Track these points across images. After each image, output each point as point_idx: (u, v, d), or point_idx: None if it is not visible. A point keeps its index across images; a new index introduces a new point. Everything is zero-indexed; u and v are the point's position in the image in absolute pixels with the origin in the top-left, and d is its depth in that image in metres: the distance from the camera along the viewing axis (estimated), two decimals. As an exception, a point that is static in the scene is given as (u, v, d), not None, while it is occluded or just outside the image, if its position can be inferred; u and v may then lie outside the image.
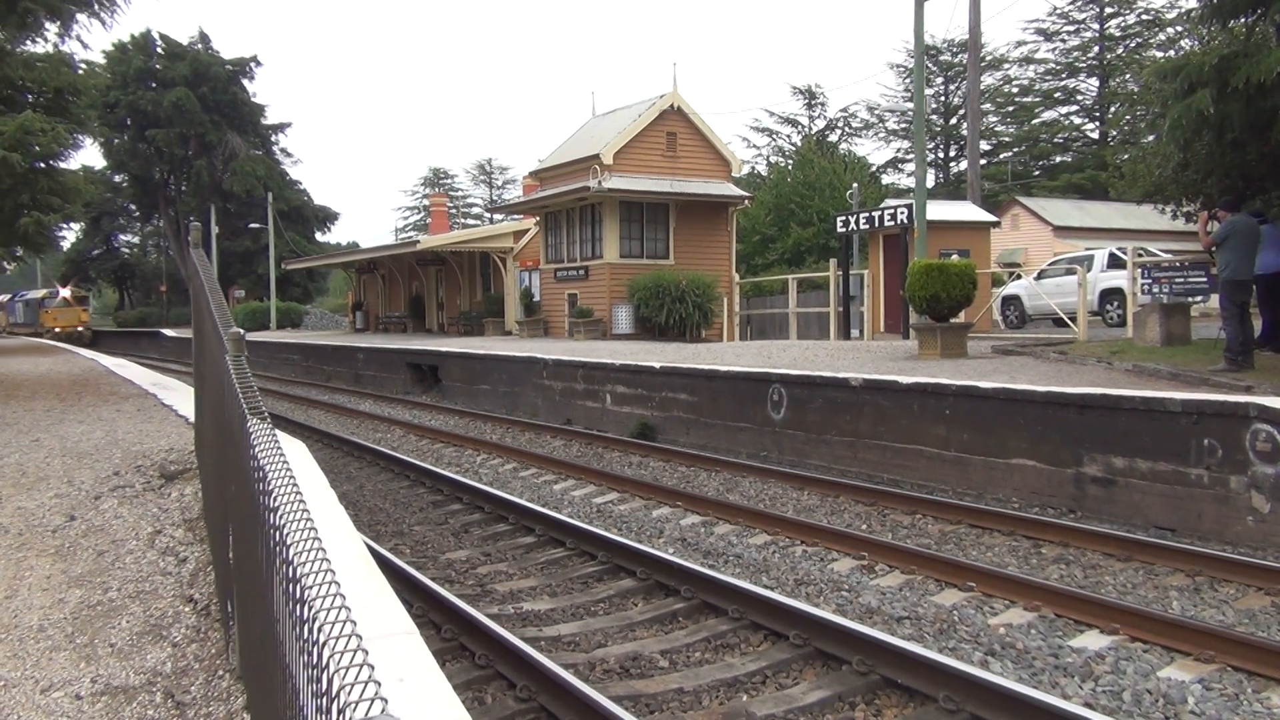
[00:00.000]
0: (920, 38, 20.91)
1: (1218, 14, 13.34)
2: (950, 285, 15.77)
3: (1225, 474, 8.76)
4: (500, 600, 7.83)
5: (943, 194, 52.42)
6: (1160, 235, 33.83)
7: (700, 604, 7.37)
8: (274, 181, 63.85)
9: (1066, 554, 8.50)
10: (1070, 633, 6.63)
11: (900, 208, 22.84)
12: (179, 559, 6.43)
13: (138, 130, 63.73)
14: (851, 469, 12.46)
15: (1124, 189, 31.38)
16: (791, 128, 65.49)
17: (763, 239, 43.68)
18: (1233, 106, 12.49)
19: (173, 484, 8.53)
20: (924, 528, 9.69)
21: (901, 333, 22.29)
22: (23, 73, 18.49)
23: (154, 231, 76.53)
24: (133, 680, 4.58)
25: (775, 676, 6.13)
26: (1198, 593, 7.40)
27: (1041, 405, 10.36)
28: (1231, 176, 14.92)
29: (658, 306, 26.61)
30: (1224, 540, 8.62)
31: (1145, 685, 5.71)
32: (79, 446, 10.41)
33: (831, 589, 7.77)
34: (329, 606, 1.72)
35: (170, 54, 65.04)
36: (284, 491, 2.36)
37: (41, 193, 18.91)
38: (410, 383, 25.98)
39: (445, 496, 11.97)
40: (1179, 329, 14.60)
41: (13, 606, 5.57)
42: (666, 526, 10.08)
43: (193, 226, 8.39)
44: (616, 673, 6.25)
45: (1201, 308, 19.21)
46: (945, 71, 61.82)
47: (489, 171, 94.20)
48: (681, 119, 28.89)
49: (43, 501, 7.96)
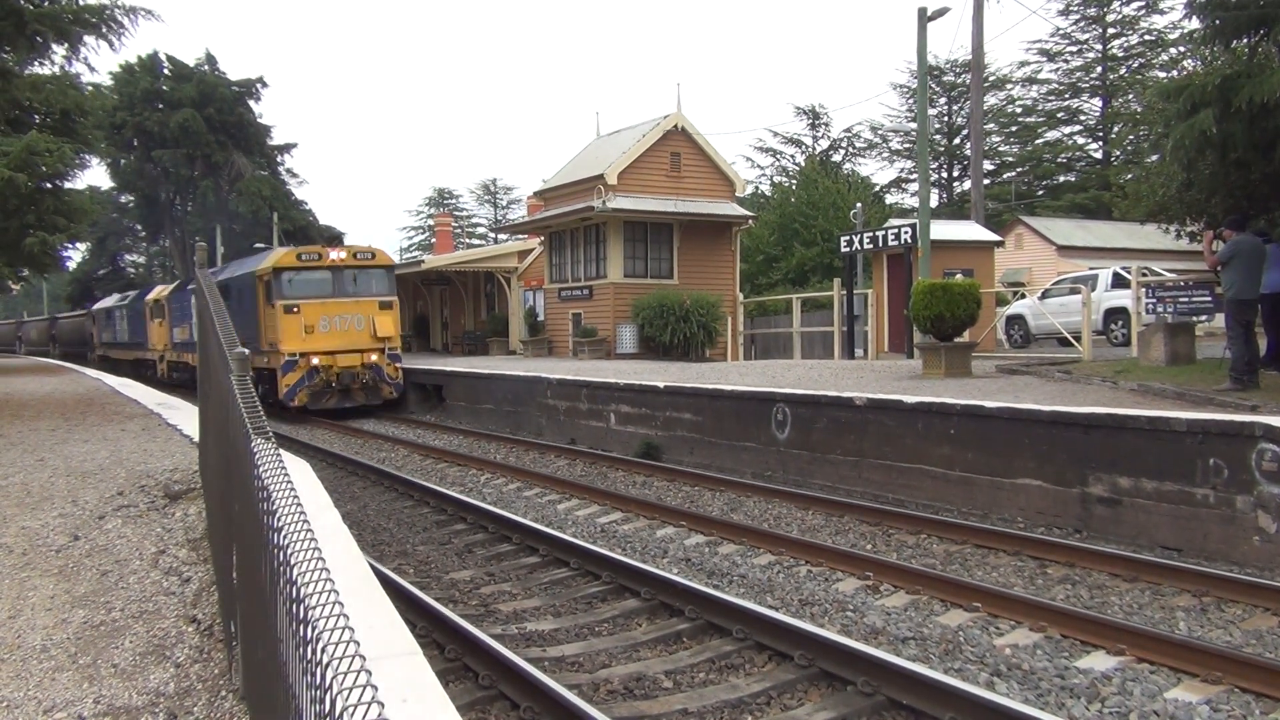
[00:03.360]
0: (924, 58, 21.00)
1: (1220, 34, 13.38)
2: (954, 305, 15.77)
3: (1231, 494, 8.73)
4: (504, 620, 7.81)
5: (946, 214, 52.50)
6: (1164, 255, 33.81)
7: (704, 624, 7.34)
8: (279, 201, 64.04)
9: (1072, 574, 8.46)
10: (1076, 654, 6.60)
11: (904, 227, 22.87)
12: (182, 579, 6.42)
13: (144, 151, 64.03)
14: (856, 489, 12.44)
15: (1127, 209, 31.41)
16: (795, 148, 65.69)
17: (766, 258, 43.74)
18: (1236, 126, 12.53)
19: (177, 504, 8.53)
20: (929, 548, 9.65)
21: (906, 352, 22.28)
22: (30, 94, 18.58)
23: (160, 251, 76.76)
24: (136, 701, 4.57)
25: (780, 698, 6.10)
26: (1204, 613, 7.36)
27: (1047, 425, 10.34)
28: (1235, 196, 14.94)
29: (662, 326, 26.64)
30: (1230, 560, 8.58)
31: (1152, 707, 5.67)
32: (83, 466, 10.42)
33: (836, 609, 7.74)
34: (332, 627, 1.72)
35: (177, 75, 65.41)
36: (288, 511, 2.37)
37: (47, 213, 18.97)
38: (414, 402, 26.03)
39: (449, 516, 11.96)
40: (1184, 348, 14.58)
41: (16, 626, 5.56)
42: (671, 546, 10.06)
43: (198, 247, 8.42)
44: (620, 693, 6.23)
45: (1206, 327, 19.21)
46: (948, 92, 62.03)
47: (494, 191, 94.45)
48: (685, 139, 29.00)
49: (47, 521, 7.97)
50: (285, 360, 23.59)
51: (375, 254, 25.40)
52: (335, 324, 24.10)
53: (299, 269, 24.22)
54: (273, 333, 24.32)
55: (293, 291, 23.94)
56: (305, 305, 23.82)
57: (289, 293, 23.95)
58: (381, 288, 25.16)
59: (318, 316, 23.93)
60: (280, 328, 23.83)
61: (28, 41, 15.77)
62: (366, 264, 24.97)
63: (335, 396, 24.12)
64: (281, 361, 23.65)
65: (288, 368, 23.61)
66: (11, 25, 15.10)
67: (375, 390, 24.57)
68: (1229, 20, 12.72)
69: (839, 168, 58.19)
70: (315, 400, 23.80)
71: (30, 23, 15.30)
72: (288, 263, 24.29)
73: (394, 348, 24.99)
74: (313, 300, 23.94)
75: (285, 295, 23.88)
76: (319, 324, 23.88)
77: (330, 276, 24.40)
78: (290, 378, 23.68)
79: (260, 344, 24.63)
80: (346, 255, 24.72)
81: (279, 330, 23.88)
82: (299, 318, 23.77)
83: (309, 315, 23.82)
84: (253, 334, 24.87)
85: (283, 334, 23.75)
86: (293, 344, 23.66)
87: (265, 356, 24.58)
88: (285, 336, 23.72)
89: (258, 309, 25.28)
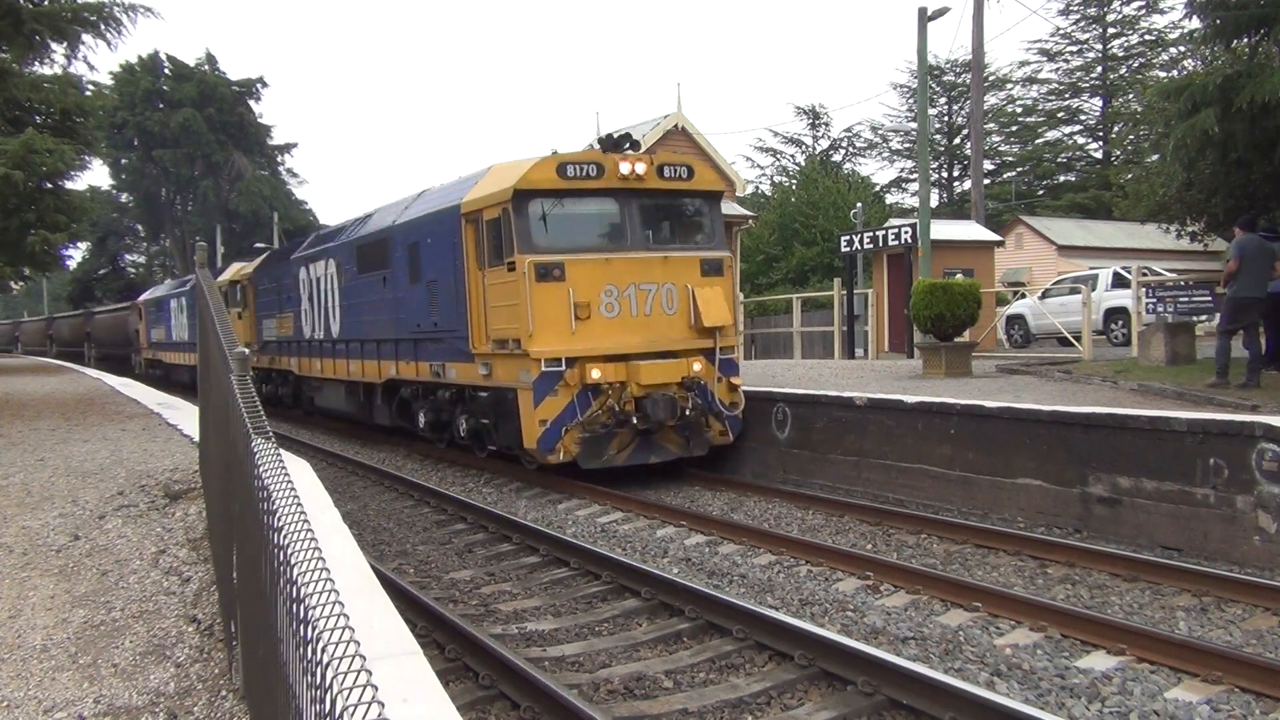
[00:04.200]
0: (924, 58, 21.00)
1: (1220, 34, 13.42)
2: (954, 304, 15.78)
3: (1231, 494, 8.73)
4: (504, 620, 7.81)
5: (946, 213, 52.46)
6: (1164, 255, 33.81)
7: (705, 624, 7.34)
8: (280, 201, 64.12)
9: (1073, 574, 8.46)
10: (1077, 653, 6.60)
11: (904, 227, 22.87)
12: (183, 579, 6.42)
13: (145, 150, 64.11)
14: (856, 488, 12.43)
15: (1128, 208, 31.44)
16: (795, 147, 65.64)
17: (767, 258, 43.73)
18: (1237, 126, 12.55)
19: (177, 503, 8.53)
20: (929, 547, 9.65)
21: (906, 352, 22.29)
22: (30, 93, 18.62)
23: (160, 251, 76.79)
24: (136, 701, 4.57)
25: (780, 697, 6.10)
26: (1205, 613, 7.36)
27: (1047, 425, 10.34)
28: (1235, 196, 14.97)
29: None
30: (1231, 560, 8.58)
31: (1152, 706, 5.67)
32: (84, 466, 10.42)
33: (836, 609, 7.74)
34: (333, 627, 1.72)
35: (177, 75, 65.50)
36: (288, 511, 2.37)
37: (48, 212, 19.02)
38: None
39: (449, 516, 11.96)
40: (1184, 348, 14.59)
41: (16, 626, 5.56)
42: (671, 546, 10.06)
43: (199, 246, 8.42)
44: (620, 693, 6.23)
45: (1206, 327, 19.20)
46: (949, 91, 61.98)
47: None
48: (685, 139, 28.98)
49: (47, 521, 7.97)
50: (542, 373, 12.45)
51: (693, 169, 13.78)
52: (630, 303, 13.05)
53: (562, 193, 12.91)
54: (506, 318, 13.07)
55: (550, 239, 12.83)
56: (575, 266, 12.78)
57: (544, 241, 12.76)
58: (708, 234, 14.00)
59: (597, 288, 12.87)
60: (528, 308, 12.52)
61: (26, 40, 15.77)
62: (680, 186, 13.61)
63: (630, 443, 12.95)
64: (534, 375, 12.46)
65: (544, 386, 12.51)
66: (9, 24, 15.11)
67: (698, 430, 13.25)
68: (1229, 19, 12.75)
69: (839, 167, 58.15)
70: (593, 450, 12.69)
71: (28, 21, 15.31)
72: (541, 180, 12.75)
73: (728, 348, 13.65)
74: (586, 257, 12.93)
75: (537, 246, 12.66)
76: (599, 302, 12.87)
77: (617, 210, 13.29)
78: (549, 407, 12.52)
79: (472, 339, 13.80)
80: (646, 169, 13.15)
81: (524, 313, 12.57)
82: (563, 289, 12.65)
83: (582, 284, 12.77)
84: (452, 319, 14.39)
85: (535, 319, 12.52)
86: (552, 340, 12.59)
87: (480, 363, 13.69)
88: (539, 324, 12.55)
89: (462, 275, 13.96)
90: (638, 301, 13.03)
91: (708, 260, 13.51)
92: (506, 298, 12.97)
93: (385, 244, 16.85)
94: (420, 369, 15.76)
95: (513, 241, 12.63)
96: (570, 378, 12.48)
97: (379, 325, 17.21)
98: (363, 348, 18.15)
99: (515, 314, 12.72)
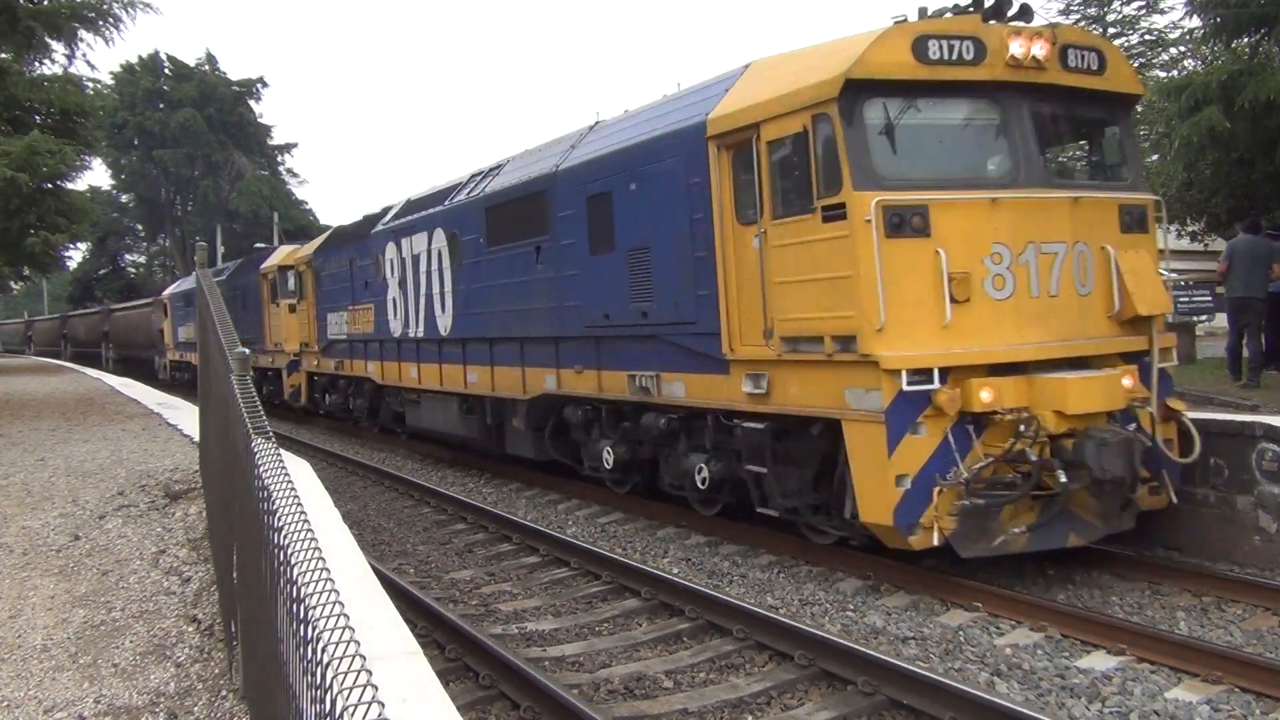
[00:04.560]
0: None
1: (1221, 33, 13.43)
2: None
3: (1232, 494, 8.71)
4: (504, 620, 7.81)
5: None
6: (1164, 254, 33.78)
7: (705, 624, 7.34)
8: (280, 201, 64.06)
9: (1073, 574, 8.45)
10: (1077, 653, 6.59)
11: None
12: (183, 579, 6.43)
13: (145, 150, 64.06)
14: None
15: (1128, 208, 31.31)
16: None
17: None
18: (1239, 125, 12.56)
19: (177, 503, 8.54)
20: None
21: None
22: (30, 93, 18.60)
23: (160, 251, 76.77)
24: (136, 700, 4.57)
25: (780, 697, 6.10)
26: (1205, 613, 7.35)
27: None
28: (1236, 195, 14.95)
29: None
30: (1231, 560, 8.56)
31: (1153, 706, 5.67)
32: (84, 466, 10.43)
33: (837, 609, 7.74)
34: (333, 627, 1.72)
35: (178, 75, 65.45)
36: (288, 511, 2.37)
37: (48, 213, 19.00)
38: None
39: (449, 516, 11.96)
40: (1184, 348, 14.57)
41: (17, 626, 5.56)
42: (671, 546, 10.05)
43: (199, 246, 8.43)
44: (621, 693, 6.23)
45: (1206, 327, 19.21)
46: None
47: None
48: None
49: (47, 521, 7.97)
50: (900, 393, 7.22)
51: (1104, 56, 8.36)
52: (1029, 275, 7.72)
53: (922, 87, 7.71)
54: (816, 299, 7.88)
55: (907, 167, 7.87)
56: (944, 211, 7.55)
57: (894, 169, 7.73)
58: (1127, 165, 9.06)
59: (982, 248, 7.60)
60: (874, 280, 7.30)
61: (23, 38, 15.75)
62: (1090, 83, 8.29)
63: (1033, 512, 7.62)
64: (885, 398, 7.27)
65: (904, 416, 7.30)
66: (4, 21, 15.09)
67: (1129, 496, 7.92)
68: (1230, 19, 12.76)
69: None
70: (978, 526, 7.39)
71: (24, 19, 15.28)
72: (889, 66, 7.55)
73: (1168, 351, 8.61)
74: (962, 196, 7.69)
75: (884, 178, 7.59)
76: (985, 273, 7.60)
77: (1000, 119, 8.02)
78: (910, 452, 7.29)
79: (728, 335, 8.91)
80: (1048, 51, 7.81)
81: (862, 289, 7.40)
82: (927, 250, 7.44)
83: (958, 243, 7.51)
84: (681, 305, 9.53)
85: (888, 300, 7.31)
86: (914, 335, 7.43)
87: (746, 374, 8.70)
88: (894, 308, 7.35)
89: (706, 235, 9.03)
90: (1040, 272, 7.77)
91: (1129, 207, 8.56)
92: (817, 266, 7.87)
93: (540, 200, 11.89)
94: (608, 381, 10.92)
95: (839, 170, 7.57)
96: (945, 401, 7.24)
97: (525, 317, 12.41)
98: (492, 350, 13.37)
99: (840, 292, 7.64)
